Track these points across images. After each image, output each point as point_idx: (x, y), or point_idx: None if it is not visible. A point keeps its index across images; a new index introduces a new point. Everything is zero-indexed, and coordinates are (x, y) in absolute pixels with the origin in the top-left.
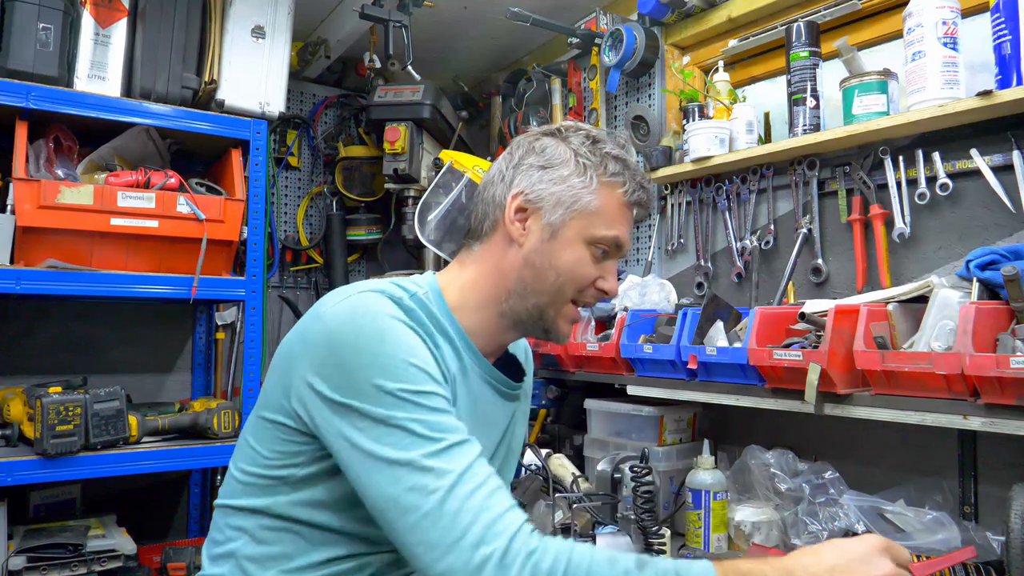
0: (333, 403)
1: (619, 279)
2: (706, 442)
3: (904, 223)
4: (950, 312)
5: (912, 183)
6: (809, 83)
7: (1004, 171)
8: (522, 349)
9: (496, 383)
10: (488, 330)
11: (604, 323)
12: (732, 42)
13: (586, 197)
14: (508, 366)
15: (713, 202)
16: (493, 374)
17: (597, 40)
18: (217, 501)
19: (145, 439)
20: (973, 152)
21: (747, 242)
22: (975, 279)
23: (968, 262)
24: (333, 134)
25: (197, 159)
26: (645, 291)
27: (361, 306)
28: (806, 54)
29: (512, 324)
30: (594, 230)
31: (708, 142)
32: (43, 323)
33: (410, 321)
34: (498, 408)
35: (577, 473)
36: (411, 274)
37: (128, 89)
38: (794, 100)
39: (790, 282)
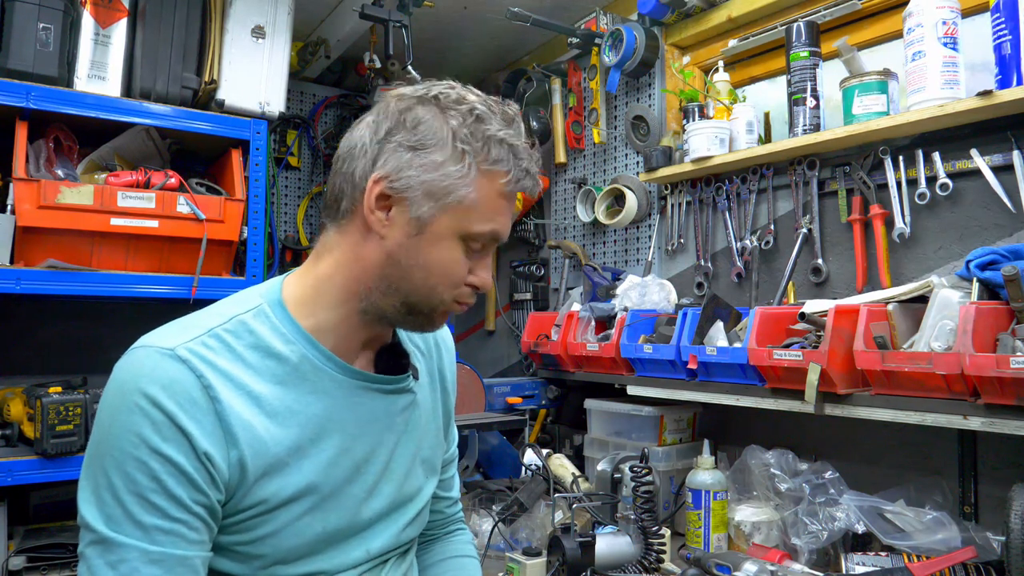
0: None
1: (619, 279)
2: (706, 442)
3: (904, 223)
4: (950, 312)
5: (912, 183)
6: (809, 83)
7: (1004, 171)
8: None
9: (367, 383)
10: (347, 329)
11: (604, 323)
12: (732, 42)
13: (462, 190)
14: (394, 355)
15: (713, 202)
16: (359, 375)
17: (597, 40)
18: None
19: None
20: (973, 152)
21: (747, 242)
22: (975, 279)
23: (968, 262)
24: (333, 134)
25: (197, 159)
26: (645, 291)
27: (119, 371)
28: (806, 54)
29: (376, 319)
30: (469, 226)
31: (708, 142)
32: (43, 323)
33: (185, 378)
34: (375, 404)
35: (577, 473)
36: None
37: (128, 89)
38: (794, 100)
39: (790, 282)
